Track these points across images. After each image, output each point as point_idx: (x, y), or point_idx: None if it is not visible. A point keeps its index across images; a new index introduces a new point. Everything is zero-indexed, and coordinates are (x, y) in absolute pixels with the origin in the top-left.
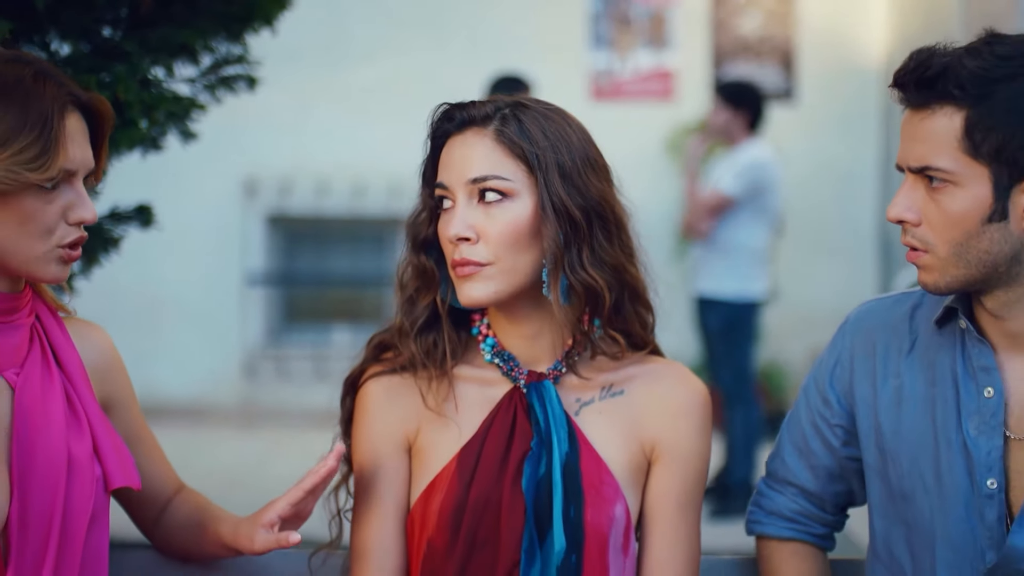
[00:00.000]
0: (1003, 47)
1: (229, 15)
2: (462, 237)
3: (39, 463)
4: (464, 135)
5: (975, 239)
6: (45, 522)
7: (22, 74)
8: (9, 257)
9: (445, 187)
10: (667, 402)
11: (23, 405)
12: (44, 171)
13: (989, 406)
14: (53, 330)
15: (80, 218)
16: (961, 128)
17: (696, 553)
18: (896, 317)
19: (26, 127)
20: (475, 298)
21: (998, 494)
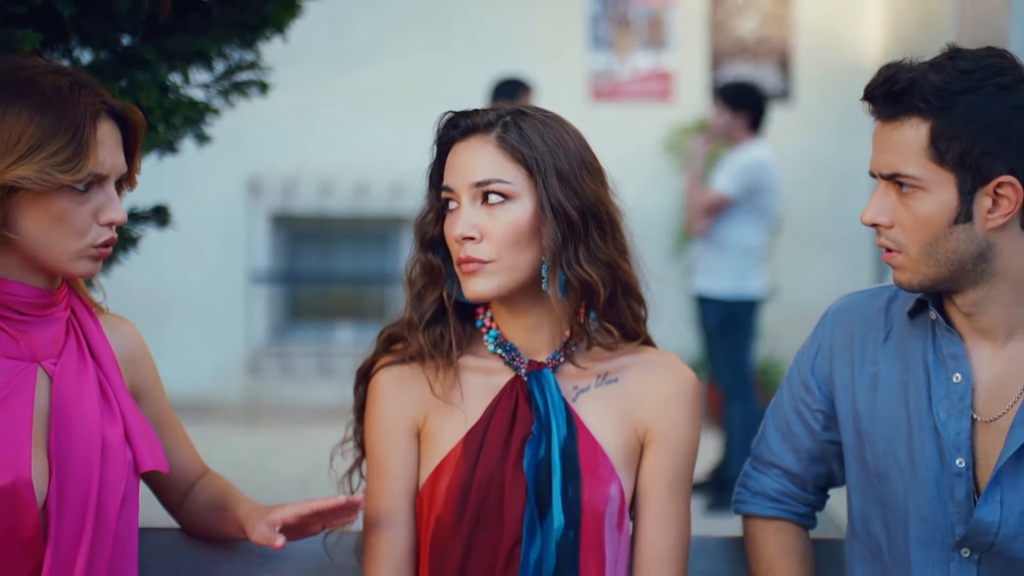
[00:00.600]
0: (964, 62)
1: (242, 23)
2: (467, 236)
3: (75, 447)
4: (468, 141)
5: (943, 240)
6: (81, 502)
7: (60, 83)
8: (45, 255)
9: (451, 190)
10: (659, 389)
11: (60, 393)
12: (75, 173)
13: (957, 391)
14: (87, 323)
15: (110, 219)
16: (927, 138)
17: (686, 531)
18: (873, 309)
19: (60, 131)
20: (479, 293)
21: (966, 472)
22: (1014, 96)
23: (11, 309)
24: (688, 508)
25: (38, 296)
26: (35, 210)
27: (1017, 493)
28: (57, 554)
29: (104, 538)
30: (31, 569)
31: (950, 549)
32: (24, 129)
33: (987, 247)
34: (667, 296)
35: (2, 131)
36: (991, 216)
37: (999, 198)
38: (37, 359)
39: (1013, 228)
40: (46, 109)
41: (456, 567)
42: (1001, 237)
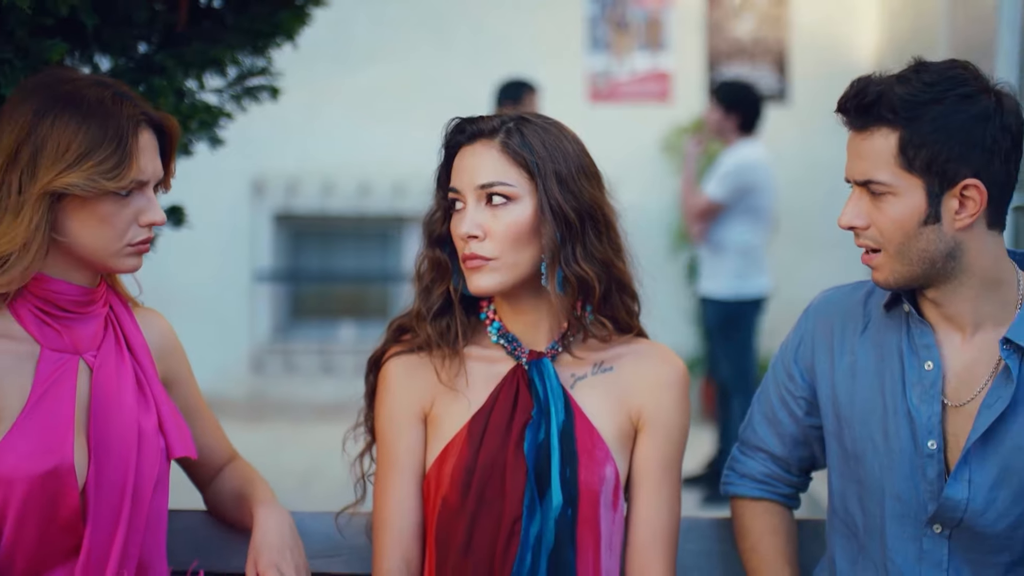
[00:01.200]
0: (929, 75)
1: (254, 31)
2: (471, 235)
3: (113, 435)
4: (474, 146)
5: (914, 240)
6: (119, 486)
7: (103, 95)
8: (90, 253)
9: (457, 191)
10: (651, 378)
11: (99, 384)
12: (119, 180)
13: (929, 377)
14: (124, 318)
15: (150, 220)
16: (896, 146)
17: (677, 509)
18: (852, 303)
19: (105, 141)
20: (482, 287)
21: (937, 454)
22: (975, 106)
23: (56, 306)
24: (679, 488)
25: (80, 294)
26: (81, 214)
27: (984, 472)
28: (96, 533)
29: (138, 519)
30: (71, 547)
31: (922, 525)
32: (72, 139)
33: (955, 245)
34: (665, 294)
35: (51, 141)
36: (958, 217)
37: (965, 200)
38: (79, 352)
39: (979, 227)
40: (91, 120)
41: (461, 544)
42: (968, 236)
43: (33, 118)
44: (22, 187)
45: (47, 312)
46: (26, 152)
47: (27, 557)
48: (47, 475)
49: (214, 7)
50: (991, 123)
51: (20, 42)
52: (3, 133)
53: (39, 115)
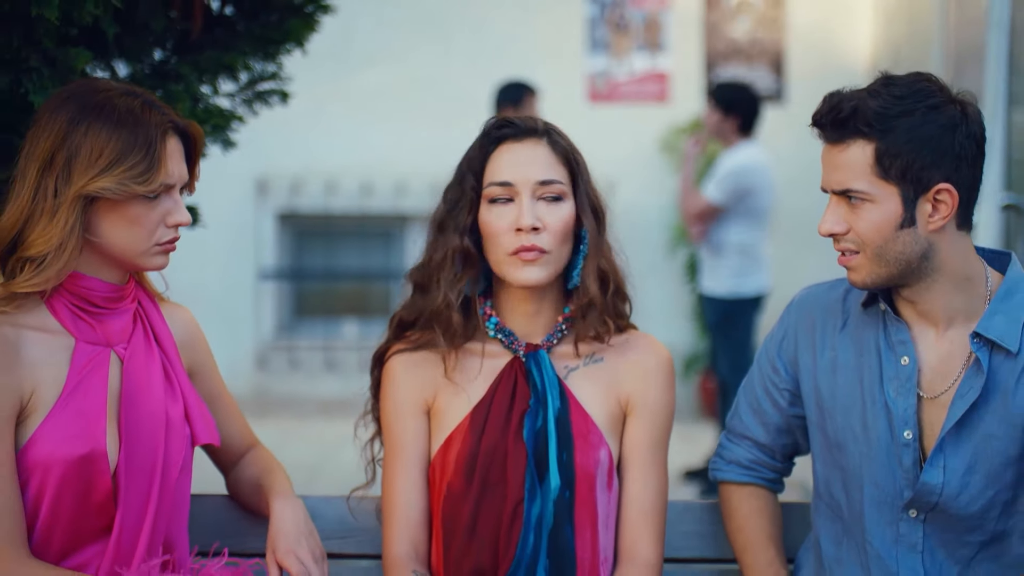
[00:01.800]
0: (897, 88)
1: (265, 38)
2: (534, 227)
3: (143, 422)
4: (524, 142)
5: (891, 243)
6: (148, 470)
7: (133, 104)
8: (121, 252)
9: (511, 184)
10: (638, 366)
11: (129, 374)
12: (148, 184)
13: (905, 372)
14: (151, 312)
15: (176, 221)
16: (872, 157)
17: (664, 487)
18: (832, 300)
19: (135, 148)
20: (533, 279)
21: (913, 443)
22: (943, 115)
23: (89, 301)
24: (665, 467)
25: (111, 290)
26: (112, 215)
27: (958, 458)
28: (127, 514)
29: (166, 501)
30: (103, 526)
31: (899, 510)
32: (104, 146)
33: (929, 246)
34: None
35: (84, 148)
36: (932, 219)
37: (938, 203)
38: (110, 344)
39: (950, 229)
40: (122, 128)
41: (467, 526)
42: (940, 237)
43: (68, 126)
44: (57, 191)
45: (81, 307)
46: (61, 158)
47: (63, 535)
48: (81, 459)
49: (226, 15)
50: (958, 131)
51: (48, 52)
52: (39, 140)
53: (73, 123)
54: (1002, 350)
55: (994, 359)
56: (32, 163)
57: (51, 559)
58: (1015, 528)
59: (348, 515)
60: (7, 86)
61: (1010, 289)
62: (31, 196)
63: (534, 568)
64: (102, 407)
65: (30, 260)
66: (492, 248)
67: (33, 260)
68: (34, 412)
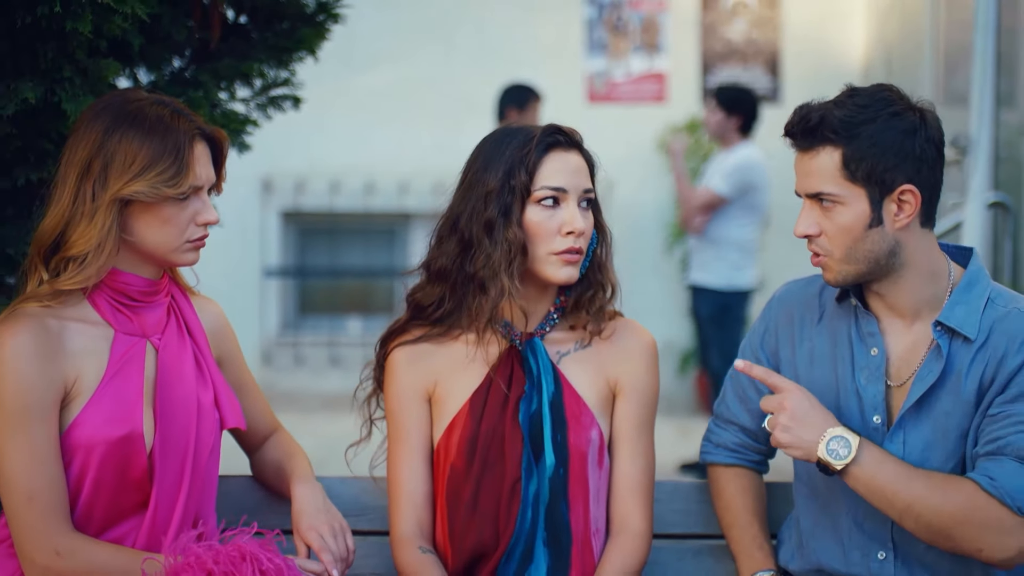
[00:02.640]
0: (861, 98)
1: (279, 46)
2: (582, 232)
3: (176, 407)
4: (571, 152)
5: (861, 242)
6: (181, 451)
7: (163, 113)
8: (155, 250)
9: (565, 190)
10: (625, 350)
11: (164, 363)
12: (178, 187)
13: (874, 361)
14: (183, 305)
15: (206, 220)
16: (840, 161)
17: (652, 463)
18: (809, 295)
19: (165, 154)
20: (572, 278)
21: (881, 427)
22: (904, 122)
23: (127, 296)
24: (652, 444)
25: (146, 285)
26: (146, 216)
27: (916, 435)
28: (161, 491)
29: (197, 480)
30: (140, 502)
31: None
32: (137, 153)
33: (896, 243)
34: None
35: (119, 155)
36: (897, 218)
37: (902, 203)
38: (146, 335)
39: (915, 226)
40: (153, 136)
41: (469, 504)
42: (906, 235)
43: (103, 135)
44: (95, 195)
45: (119, 301)
46: (97, 165)
47: (103, 510)
48: (120, 441)
49: (240, 23)
50: (918, 135)
51: (80, 63)
52: (77, 149)
53: (108, 132)
54: (960, 337)
55: (953, 345)
56: (71, 170)
57: (92, 532)
58: None
59: (362, 495)
60: (42, 95)
61: (971, 282)
62: (71, 200)
63: (532, 541)
64: (139, 393)
65: (72, 259)
66: (536, 245)
67: (75, 259)
68: (77, 397)
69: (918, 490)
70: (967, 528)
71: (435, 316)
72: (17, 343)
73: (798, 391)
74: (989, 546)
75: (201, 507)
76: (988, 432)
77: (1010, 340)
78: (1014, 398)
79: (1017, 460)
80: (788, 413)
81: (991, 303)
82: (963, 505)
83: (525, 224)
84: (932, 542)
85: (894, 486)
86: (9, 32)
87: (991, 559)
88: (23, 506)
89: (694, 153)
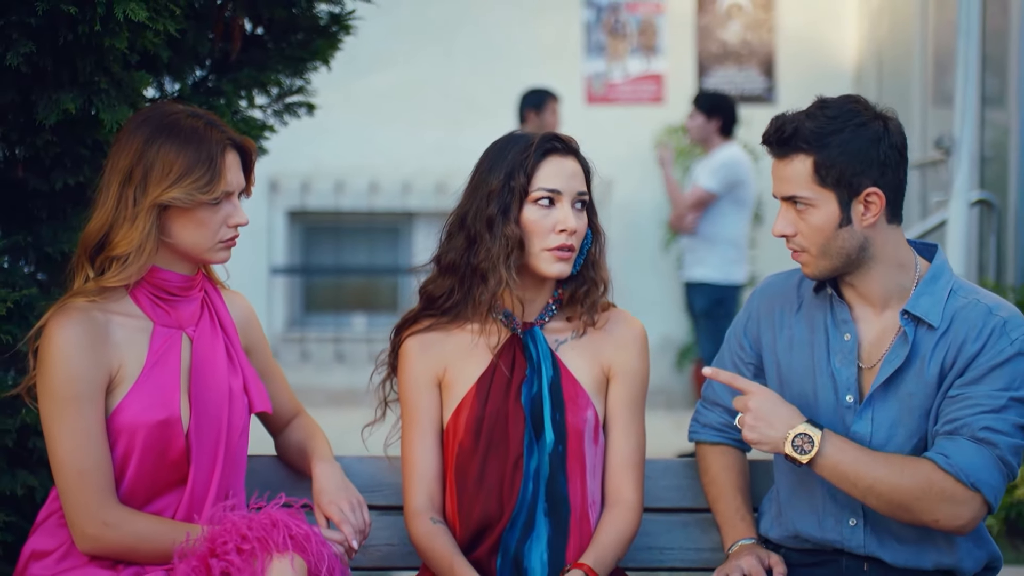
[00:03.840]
0: (830, 110)
1: (295, 57)
2: (574, 230)
3: (210, 393)
4: (567, 158)
5: (833, 240)
6: (215, 433)
7: (197, 125)
8: (190, 249)
9: (560, 192)
10: (617, 338)
11: (198, 353)
12: (211, 193)
13: (848, 346)
14: (215, 299)
15: (236, 222)
16: (811, 168)
17: (643, 441)
18: (789, 286)
19: (199, 163)
20: (564, 273)
21: (854, 405)
22: (869, 131)
23: (165, 291)
24: (643, 423)
25: (183, 281)
26: (182, 219)
27: (884, 412)
28: (198, 469)
29: (230, 459)
30: (178, 479)
31: None
32: (174, 162)
33: (865, 240)
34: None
35: (158, 164)
36: (864, 217)
37: (869, 204)
38: (182, 327)
39: (882, 224)
40: (189, 146)
41: (475, 478)
42: (874, 232)
43: (143, 146)
44: (136, 200)
45: (158, 296)
46: (138, 173)
47: (145, 487)
48: (160, 424)
49: (258, 35)
50: (882, 143)
51: (115, 75)
52: (119, 158)
53: (148, 143)
54: (925, 324)
55: (918, 332)
56: (114, 177)
57: (135, 506)
58: None
59: (378, 473)
60: (80, 105)
61: (935, 275)
62: (114, 205)
63: (534, 512)
64: (176, 380)
65: (116, 259)
66: (533, 242)
67: (118, 259)
68: (120, 384)
69: (879, 472)
70: (924, 502)
71: (445, 306)
72: (67, 335)
73: (761, 392)
74: (944, 516)
75: (233, 483)
76: (946, 413)
77: (970, 327)
78: (973, 381)
79: (971, 440)
80: (753, 413)
81: (953, 294)
82: (920, 482)
83: (523, 222)
84: (893, 515)
85: (856, 471)
86: (52, 49)
87: (946, 527)
88: (74, 482)
89: (688, 154)
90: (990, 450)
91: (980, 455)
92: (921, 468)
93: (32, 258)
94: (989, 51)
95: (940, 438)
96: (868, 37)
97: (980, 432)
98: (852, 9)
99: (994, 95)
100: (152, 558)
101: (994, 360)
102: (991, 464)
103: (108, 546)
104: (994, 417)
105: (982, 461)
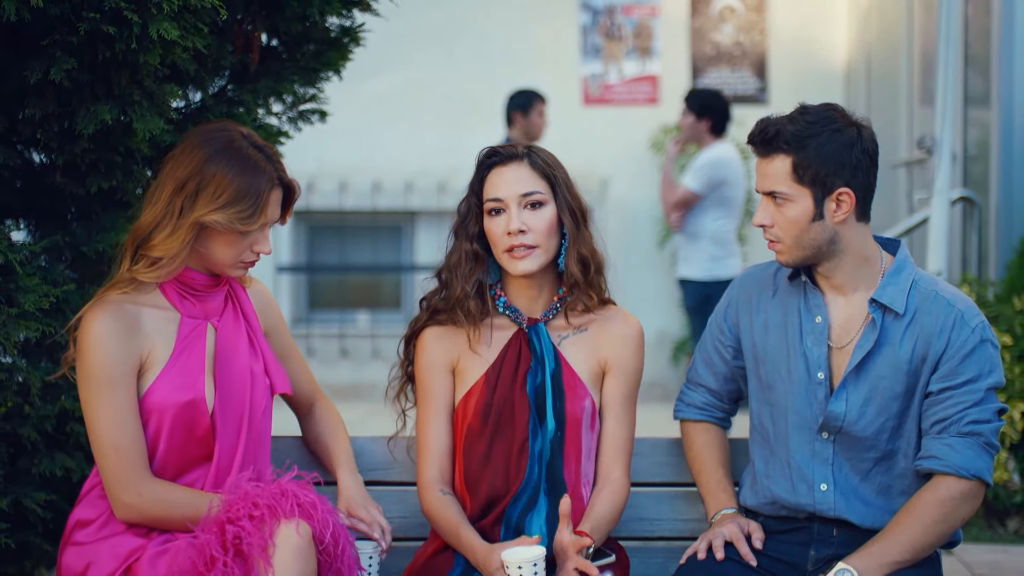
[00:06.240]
0: (810, 115)
1: (308, 67)
2: (520, 230)
3: (233, 376)
4: (508, 166)
5: (806, 232)
6: (238, 412)
7: (257, 157)
8: (214, 262)
9: (502, 200)
10: (614, 335)
11: (222, 341)
12: (249, 225)
13: (819, 328)
14: (238, 292)
15: (260, 250)
16: (790, 167)
17: (633, 429)
18: (766, 275)
19: (247, 196)
20: (527, 270)
21: (824, 382)
22: (844, 137)
23: (192, 287)
24: (634, 414)
25: (208, 280)
26: (215, 236)
27: (857, 393)
28: (223, 446)
29: (253, 437)
30: (205, 455)
31: (814, 433)
32: (226, 188)
33: (835, 234)
34: (655, 281)
35: (212, 184)
36: (836, 214)
37: (840, 202)
38: (207, 318)
39: (851, 221)
40: (243, 176)
41: (482, 458)
42: (844, 227)
43: (203, 162)
44: (183, 211)
45: (186, 291)
46: (191, 186)
47: (175, 463)
48: (187, 404)
49: (273, 46)
50: (855, 148)
51: (147, 88)
52: (179, 166)
53: (208, 161)
54: (891, 312)
55: (885, 319)
56: (170, 181)
57: (167, 479)
58: (900, 448)
59: (389, 453)
60: (116, 116)
61: (898, 267)
62: (164, 207)
63: (537, 491)
64: (201, 366)
65: (151, 257)
66: (494, 248)
67: (154, 260)
68: (150, 369)
69: (911, 540)
70: (953, 515)
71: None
72: (102, 324)
73: None
74: (967, 512)
75: (257, 459)
76: (933, 414)
77: (933, 320)
78: (949, 375)
79: (958, 436)
80: None
81: (915, 285)
82: (936, 508)
83: (486, 232)
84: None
85: (900, 557)
86: (91, 64)
87: (968, 517)
88: (111, 457)
89: (683, 153)
90: (976, 439)
91: (970, 447)
92: (927, 499)
93: (67, 257)
94: (973, 51)
95: (929, 439)
96: (857, 39)
97: (966, 427)
98: (842, 12)
99: (978, 95)
100: (182, 525)
101: (961, 350)
102: (981, 451)
103: (143, 514)
104: (977, 410)
105: (973, 452)
